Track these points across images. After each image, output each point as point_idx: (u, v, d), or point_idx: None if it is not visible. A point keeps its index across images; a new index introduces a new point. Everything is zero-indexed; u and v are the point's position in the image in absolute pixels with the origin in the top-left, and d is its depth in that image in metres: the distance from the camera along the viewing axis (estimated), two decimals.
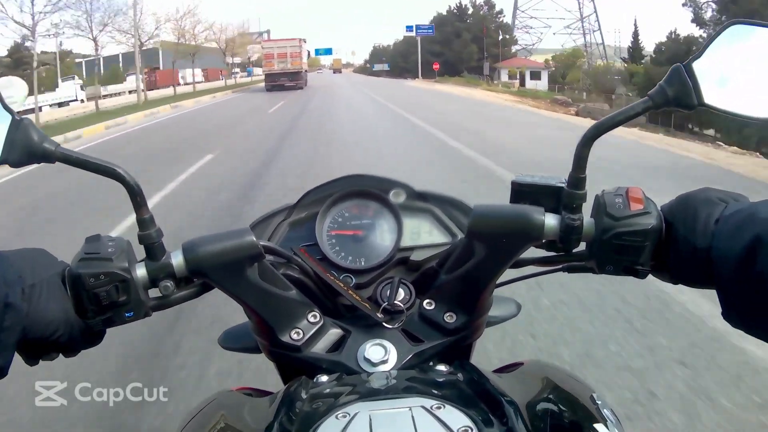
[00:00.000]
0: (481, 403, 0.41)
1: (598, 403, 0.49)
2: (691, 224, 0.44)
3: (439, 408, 0.38)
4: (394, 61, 67.08)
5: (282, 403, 0.45)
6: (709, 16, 24.63)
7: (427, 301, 0.54)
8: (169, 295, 0.51)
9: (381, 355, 0.51)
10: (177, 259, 0.49)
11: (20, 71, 26.40)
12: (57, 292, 0.46)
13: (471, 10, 53.74)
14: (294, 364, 0.53)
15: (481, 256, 0.50)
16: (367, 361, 0.50)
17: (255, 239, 0.49)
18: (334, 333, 0.54)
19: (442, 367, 0.50)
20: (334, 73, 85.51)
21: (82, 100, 26.69)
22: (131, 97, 25.73)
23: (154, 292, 0.51)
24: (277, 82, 28.70)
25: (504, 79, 45.61)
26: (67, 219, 4.73)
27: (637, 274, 0.48)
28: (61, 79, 28.91)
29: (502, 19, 54.52)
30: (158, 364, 2.14)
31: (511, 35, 55.73)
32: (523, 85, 43.41)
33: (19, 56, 27.66)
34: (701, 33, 25.37)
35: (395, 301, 0.56)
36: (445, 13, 55.02)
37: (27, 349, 0.46)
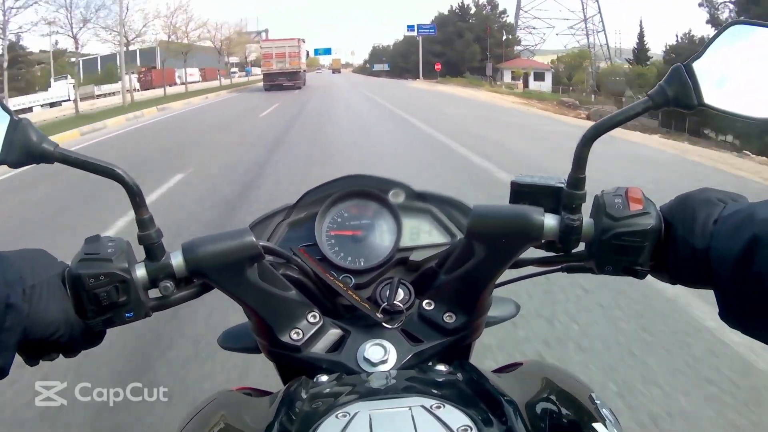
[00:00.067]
0: (481, 403, 0.41)
1: (597, 402, 0.50)
2: (690, 225, 0.45)
3: (439, 408, 0.39)
4: (394, 62, 67.15)
5: (282, 403, 0.45)
6: (726, 17, 24.59)
7: (427, 301, 0.55)
8: (168, 296, 0.51)
9: (380, 355, 0.51)
10: (177, 260, 0.50)
11: (15, 70, 26.45)
12: (57, 292, 0.47)
13: (474, 10, 53.89)
14: (294, 364, 0.54)
15: (481, 256, 0.51)
16: (367, 361, 0.51)
17: (255, 239, 0.50)
18: (334, 333, 0.54)
19: (442, 367, 0.50)
20: (333, 73, 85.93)
21: (75, 100, 26.62)
22: (126, 97, 25.51)
23: (153, 293, 0.51)
24: (276, 81, 29.09)
25: (507, 80, 45.57)
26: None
27: (636, 275, 0.49)
28: (53, 79, 28.75)
29: (505, 19, 54.64)
30: None
31: (514, 35, 55.79)
32: (527, 86, 43.37)
33: (14, 55, 27.69)
34: None
35: (395, 302, 0.57)
36: (447, 13, 55.12)
37: (27, 349, 0.47)
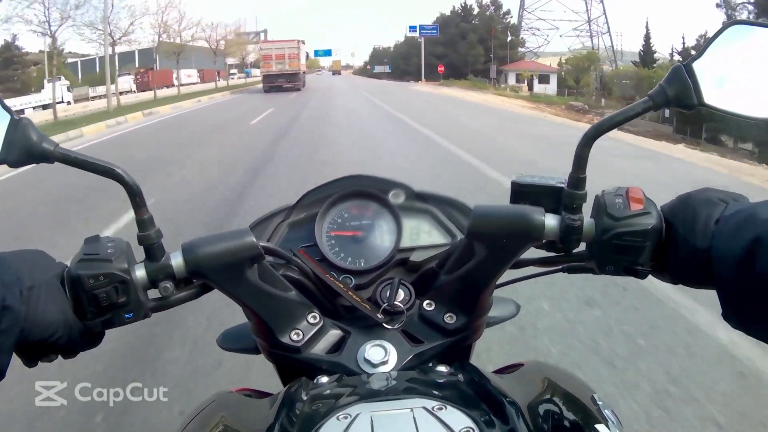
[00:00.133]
0: (483, 404, 0.42)
1: (599, 403, 0.50)
2: (691, 224, 0.46)
3: (441, 409, 0.40)
4: (395, 63, 67.29)
5: (282, 405, 0.46)
6: (744, 18, 24.64)
7: (427, 301, 0.56)
8: (168, 296, 0.52)
9: (381, 356, 0.52)
10: (176, 260, 0.51)
11: (10, 71, 26.52)
12: (56, 293, 0.47)
13: (477, 11, 54.04)
14: (294, 366, 0.54)
15: (481, 256, 0.52)
16: (367, 362, 0.52)
17: (255, 240, 0.51)
18: (334, 334, 0.55)
19: (443, 368, 0.51)
20: (334, 74, 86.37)
21: (69, 102, 26.63)
22: (120, 99, 25.35)
23: (153, 293, 0.52)
24: (275, 83, 29.50)
25: (511, 82, 45.58)
26: None
27: (637, 275, 0.49)
28: (47, 80, 28.73)
29: (509, 20, 54.76)
30: None
31: (518, 37, 55.90)
32: (532, 89, 43.29)
33: (9, 55, 27.78)
34: None
35: (395, 302, 0.57)
36: (449, 14, 55.26)
37: (25, 350, 0.47)
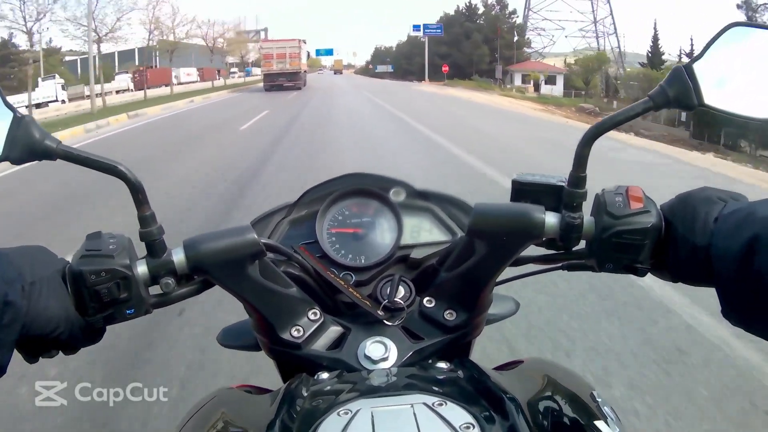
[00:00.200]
0: (483, 400, 0.43)
1: (599, 400, 0.52)
2: (691, 223, 0.47)
3: (441, 405, 0.41)
4: (398, 63, 67.41)
5: (283, 401, 0.47)
6: (766, 20, 24.53)
7: (427, 298, 0.57)
8: (170, 292, 0.53)
9: (381, 352, 0.53)
10: (178, 257, 0.52)
11: (7, 68, 26.59)
12: (57, 289, 0.48)
13: (482, 10, 54.10)
14: (294, 362, 0.56)
15: (482, 254, 0.53)
16: (368, 358, 0.53)
17: (256, 237, 0.52)
18: (335, 330, 0.57)
19: (443, 365, 0.52)
20: (335, 74, 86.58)
21: (63, 101, 26.58)
22: (115, 98, 25.05)
23: (155, 289, 0.54)
24: (276, 82, 29.88)
25: (517, 83, 45.56)
26: None
27: (637, 272, 0.51)
28: (41, 78, 28.67)
29: (515, 20, 54.81)
30: None
31: (524, 37, 55.93)
32: (538, 90, 43.19)
33: (5, 53, 27.83)
34: None
35: (395, 299, 0.59)
36: (453, 13, 55.32)
37: (27, 346, 0.48)
